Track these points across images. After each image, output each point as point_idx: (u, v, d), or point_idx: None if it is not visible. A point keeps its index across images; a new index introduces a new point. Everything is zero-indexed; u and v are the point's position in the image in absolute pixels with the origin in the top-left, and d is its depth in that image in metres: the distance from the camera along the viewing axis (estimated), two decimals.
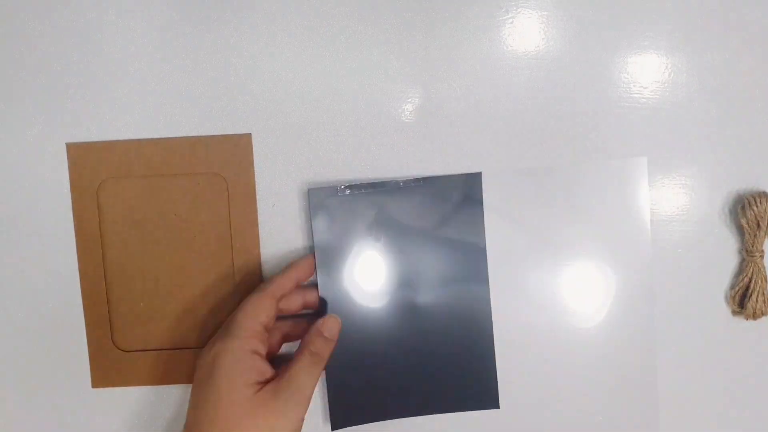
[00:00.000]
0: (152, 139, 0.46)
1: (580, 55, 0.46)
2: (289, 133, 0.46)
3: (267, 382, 0.40)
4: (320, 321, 0.43)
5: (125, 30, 0.46)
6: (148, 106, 0.46)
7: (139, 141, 0.46)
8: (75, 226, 0.46)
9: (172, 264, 0.46)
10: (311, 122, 0.46)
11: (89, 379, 0.47)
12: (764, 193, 0.45)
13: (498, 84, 0.46)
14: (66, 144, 0.46)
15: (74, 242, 0.46)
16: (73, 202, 0.46)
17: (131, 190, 0.46)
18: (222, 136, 0.46)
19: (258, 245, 0.46)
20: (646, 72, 0.46)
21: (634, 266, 0.45)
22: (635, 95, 0.46)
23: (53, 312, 0.47)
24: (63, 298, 0.47)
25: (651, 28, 0.46)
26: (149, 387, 0.47)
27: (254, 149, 0.46)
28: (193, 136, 0.46)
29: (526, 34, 0.46)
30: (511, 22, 0.46)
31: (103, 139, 0.46)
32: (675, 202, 0.47)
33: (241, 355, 0.41)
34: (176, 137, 0.46)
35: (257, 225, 0.46)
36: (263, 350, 0.42)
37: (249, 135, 0.46)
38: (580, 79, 0.46)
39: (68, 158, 0.46)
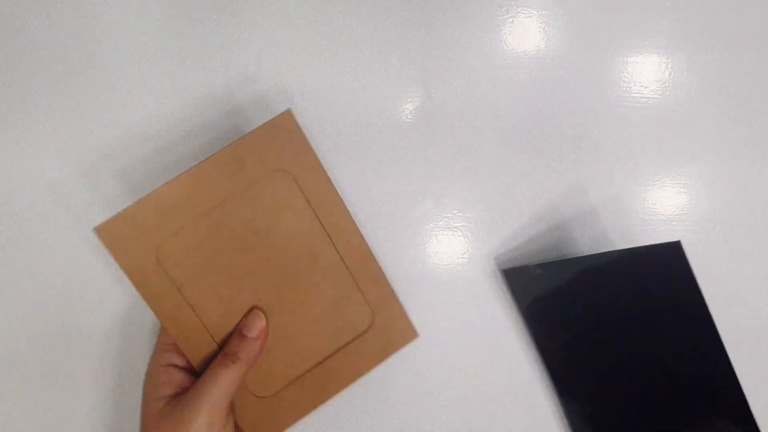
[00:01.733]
0: (184, 175, 0.40)
1: (580, 55, 0.46)
2: None
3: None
4: (242, 320, 0.40)
5: (125, 30, 0.46)
6: (147, 105, 0.46)
7: (169, 184, 0.39)
8: (153, 308, 0.40)
9: (271, 284, 0.41)
10: (311, 122, 0.46)
11: None
12: None
13: (498, 83, 0.46)
14: (94, 229, 0.39)
15: (156, 320, 0.42)
16: (136, 287, 0.40)
17: (193, 236, 0.40)
18: (261, 127, 0.39)
19: (354, 223, 0.42)
20: (646, 72, 0.46)
21: None
22: (635, 95, 0.46)
23: None
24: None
25: (651, 28, 0.46)
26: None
27: None
28: (229, 146, 0.40)
29: (526, 33, 0.46)
30: (511, 22, 0.46)
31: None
32: (675, 202, 0.47)
33: (153, 370, 0.39)
34: (210, 157, 0.40)
35: (344, 205, 0.41)
36: (180, 362, 0.40)
37: (289, 111, 0.40)
38: (580, 79, 0.46)
39: (104, 244, 0.39)
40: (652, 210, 0.47)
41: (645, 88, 0.46)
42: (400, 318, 0.44)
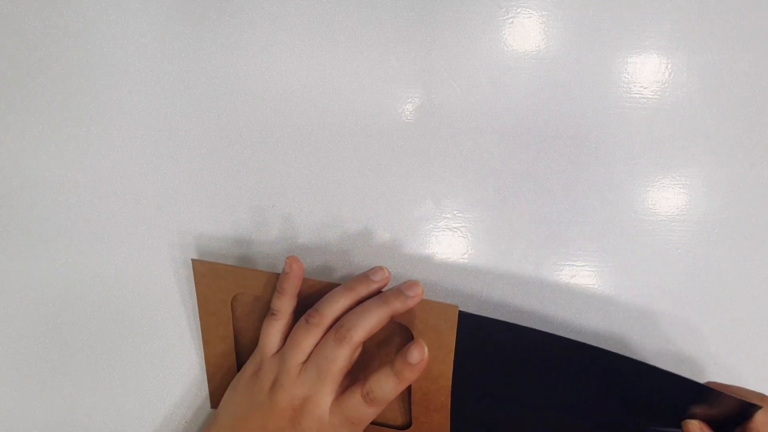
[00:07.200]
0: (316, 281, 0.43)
1: (581, 55, 0.46)
2: (289, 133, 0.46)
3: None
4: (408, 345, 0.39)
5: (125, 30, 0.46)
6: (146, 106, 0.46)
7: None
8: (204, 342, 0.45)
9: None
10: (311, 122, 0.46)
11: None
12: None
13: (498, 84, 0.46)
14: (192, 260, 0.44)
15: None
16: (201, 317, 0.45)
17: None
18: (427, 305, 0.41)
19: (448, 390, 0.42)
20: (646, 72, 0.46)
21: None
22: (635, 95, 0.46)
23: None
24: None
25: (651, 28, 0.46)
26: None
27: (251, 149, 0.46)
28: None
29: (526, 34, 0.46)
30: (511, 22, 0.46)
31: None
32: (675, 202, 0.47)
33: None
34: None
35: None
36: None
37: (456, 307, 0.41)
38: (580, 79, 0.46)
39: (195, 275, 0.44)
40: (652, 210, 0.46)
41: (645, 88, 0.46)
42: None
